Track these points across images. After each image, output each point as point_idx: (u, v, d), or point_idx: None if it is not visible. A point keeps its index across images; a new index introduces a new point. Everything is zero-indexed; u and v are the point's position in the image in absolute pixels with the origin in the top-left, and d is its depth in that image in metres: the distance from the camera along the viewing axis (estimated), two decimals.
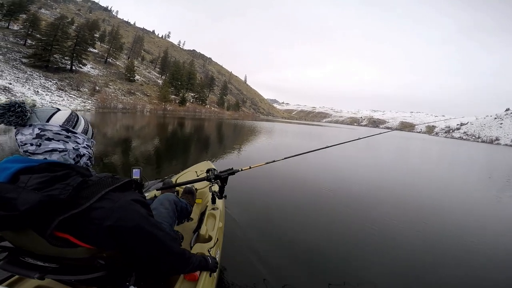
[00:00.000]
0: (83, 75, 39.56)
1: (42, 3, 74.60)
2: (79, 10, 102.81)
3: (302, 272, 2.29)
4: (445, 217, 4.39)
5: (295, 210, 3.90)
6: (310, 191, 5.03)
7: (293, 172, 6.29)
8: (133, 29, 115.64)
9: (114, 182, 0.74)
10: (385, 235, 3.27)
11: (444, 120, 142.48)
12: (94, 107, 30.67)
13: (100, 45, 58.50)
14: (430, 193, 6.16)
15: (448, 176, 9.60)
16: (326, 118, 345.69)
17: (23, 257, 0.73)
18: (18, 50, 34.16)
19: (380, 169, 9.21)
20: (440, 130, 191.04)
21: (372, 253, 2.78)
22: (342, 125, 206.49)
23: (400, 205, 4.77)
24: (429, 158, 15.89)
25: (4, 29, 38.45)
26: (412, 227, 3.68)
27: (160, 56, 77.98)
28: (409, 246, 3.07)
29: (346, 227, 3.46)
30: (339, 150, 10.81)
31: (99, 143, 7.87)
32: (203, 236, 1.62)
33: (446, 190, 6.93)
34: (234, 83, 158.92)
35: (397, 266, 2.60)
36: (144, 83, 54.37)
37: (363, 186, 5.88)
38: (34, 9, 48.29)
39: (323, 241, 2.95)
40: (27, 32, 36.69)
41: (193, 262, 1.01)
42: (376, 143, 20.12)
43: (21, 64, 31.26)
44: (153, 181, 3.08)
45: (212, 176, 1.68)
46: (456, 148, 33.76)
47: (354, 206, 4.34)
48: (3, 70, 26.53)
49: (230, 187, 1.95)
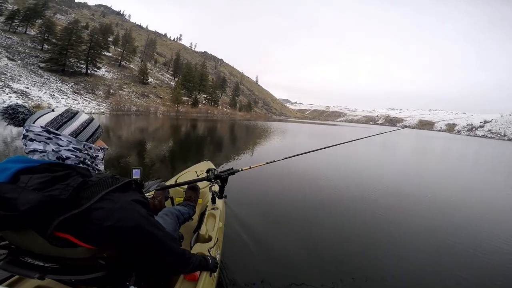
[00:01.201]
0: (98, 78, 39.82)
1: (57, 9, 76.90)
2: (93, 15, 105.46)
3: (302, 272, 2.28)
4: (469, 221, 4.14)
5: (295, 210, 3.85)
6: (310, 191, 4.94)
7: (294, 172, 6.14)
8: (146, 33, 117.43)
9: (114, 183, 0.74)
10: (390, 239, 3.16)
11: (465, 118, 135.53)
12: (109, 109, 30.53)
13: (114, 48, 59.17)
14: (450, 193, 5.94)
15: (473, 176, 9.04)
16: (341, 117, 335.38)
17: (23, 257, 0.73)
18: (36, 55, 34.71)
19: (394, 168, 9.01)
20: (462, 128, 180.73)
21: (373, 255, 2.72)
22: (357, 124, 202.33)
23: (415, 205, 4.60)
24: (447, 157, 14.49)
25: (22, 34, 39.32)
26: (428, 226, 3.62)
27: (172, 59, 78.33)
28: (417, 248, 2.96)
29: (347, 227, 3.41)
30: (349, 150, 11.23)
31: (115, 145, 8.08)
32: (203, 236, 1.63)
33: (471, 191, 6.58)
34: (245, 83, 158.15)
35: (404, 268, 2.53)
36: (157, 86, 54.43)
37: (375, 186, 5.66)
38: (49, 15, 49.38)
39: (323, 241, 2.94)
40: (44, 37, 37.31)
41: (193, 262, 1.01)
42: (394, 142, 19.86)
43: (38, 68, 31.63)
44: (153, 181, 2.94)
45: (212, 176, 1.66)
46: (481, 146, 31.40)
47: (357, 206, 4.28)
48: (21, 75, 26.75)
49: (230, 187, 1.99)
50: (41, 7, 42.90)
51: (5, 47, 31.85)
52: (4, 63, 27.47)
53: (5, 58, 28.80)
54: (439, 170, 9.47)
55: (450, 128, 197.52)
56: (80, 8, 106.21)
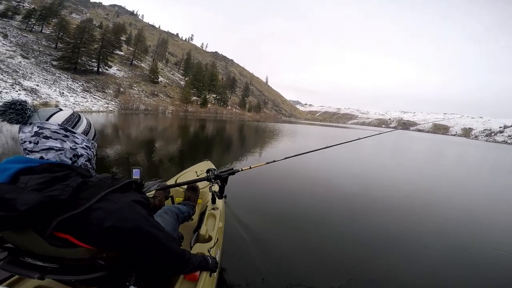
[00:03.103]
0: (109, 77, 40.18)
1: (73, 8, 78.81)
2: (107, 15, 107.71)
3: (303, 272, 2.27)
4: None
5: (295, 210, 3.83)
6: (311, 191, 4.92)
7: (294, 172, 6.11)
8: (158, 32, 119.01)
9: (114, 183, 0.74)
10: (392, 240, 3.13)
11: (482, 122, 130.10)
12: (117, 108, 30.55)
13: (127, 47, 59.89)
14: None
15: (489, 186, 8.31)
16: (352, 120, 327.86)
17: (23, 257, 0.74)
18: (49, 53, 35.30)
19: (404, 171, 8.71)
20: (480, 133, 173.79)
21: (374, 255, 2.71)
22: (369, 127, 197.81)
23: (417, 207, 4.57)
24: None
25: (38, 33, 40.16)
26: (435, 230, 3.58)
27: (183, 58, 78.74)
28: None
29: (348, 227, 3.39)
30: (353, 152, 11.10)
31: (117, 144, 8.22)
32: (203, 236, 1.63)
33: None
34: (255, 84, 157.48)
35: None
36: (167, 85, 54.63)
37: (378, 187, 5.68)
38: (65, 14, 50.44)
39: (324, 241, 2.91)
40: (58, 36, 37.94)
41: (193, 262, 1.01)
42: (405, 146, 19.39)
43: (51, 66, 32.09)
44: (153, 181, 2.82)
45: (212, 176, 1.66)
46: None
47: (358, 206, 4.26)
48: (32, 73, 27.11)
49: (230, 187, 1.99)
50: (57, 6, 43.75)
51: (20, 46, 32.51)
52: (17, 61, 27.94)
53: (19, 56, 29.31)
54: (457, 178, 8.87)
55: (466, 133, 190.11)
56: (95, 8, 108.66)
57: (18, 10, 41.70)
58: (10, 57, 27.69)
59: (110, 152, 6.63)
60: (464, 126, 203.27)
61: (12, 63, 26.38)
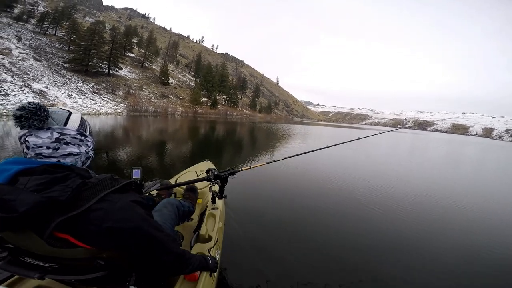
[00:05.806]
0: (119, 78, 40.11)
1: (87, 12, 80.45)
2: (119, 18, 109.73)
3: (303, 272, 2.25)
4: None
5: (296, 210, 3.76)
6: (312, 191, 4.79)
7: (294, 172, 6.08)
8: (169, 34, 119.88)
9: (113, 184, 0.75)
10: (395, 242, 3.01)
11: (504, 122, 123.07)
12: (126, 110, 30.14)
13: (138, 50, 60.20)
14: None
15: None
16: (366, 120, 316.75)
17: (23, 257, 0.74)
18: (62, 55, 35.55)
19: (412, 173, 8.09)
20: (504, 133, 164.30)
21: (376, 257, 2.61)
22: (384, 127, 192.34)
23: (418, 208, 4.30)
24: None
25: (51, 36, 40.71)
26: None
27: (194, 60, 78.65)
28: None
29: (349, 227, 3.30)
30: (358, 152, 10.98)
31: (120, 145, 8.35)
32: (203, 236, 1.63)
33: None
34: (266, 85, 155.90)
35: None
36: (177, 86, 54.34)
37: (380, 188, 5.38)
38: (79, 17, 51.17)
39: (324, 241, 2.86)
40: (70, 38, 38.23)
41: (193, 262, 1.01)
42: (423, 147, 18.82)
43: (62, 68, 32.19)
44: (153, 181, 2.58)
45: (212, 176, 1.66)
46: None
47: (359, 206, 4.10)
48: (43, 75, 27.10)
49: (230, 187, 2.00)
50: (70, 9, 44.35)
51: (33, 48, 32.86)
52: (29, 63, 28.05)
53: (31, 59, 29.50)
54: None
55: (488, 133, 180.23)
56: (108, 11, 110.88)
57: (33, 13, 42.46)
58: (22, 60, 27.85)
59: (110, 153, 6.68)
60: (485, 126, 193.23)
61: (24, 66, 26.44)
